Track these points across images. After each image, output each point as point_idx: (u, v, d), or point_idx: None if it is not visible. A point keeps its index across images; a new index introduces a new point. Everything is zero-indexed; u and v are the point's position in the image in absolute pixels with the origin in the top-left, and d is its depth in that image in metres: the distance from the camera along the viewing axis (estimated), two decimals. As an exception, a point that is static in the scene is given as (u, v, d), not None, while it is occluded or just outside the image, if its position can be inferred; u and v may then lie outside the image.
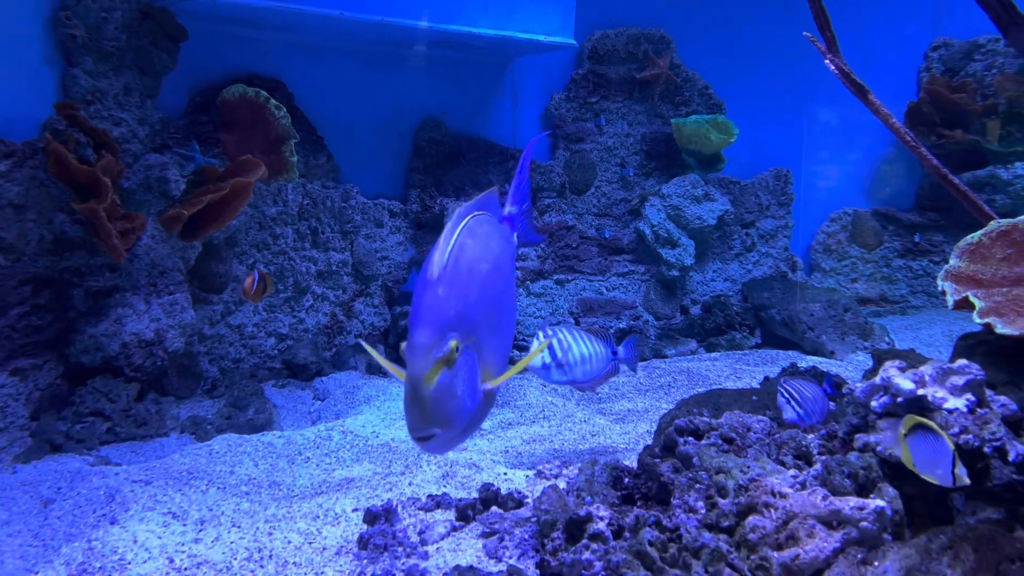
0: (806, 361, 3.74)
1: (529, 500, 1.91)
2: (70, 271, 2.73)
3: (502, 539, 1.69)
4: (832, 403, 2.13)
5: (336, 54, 3.87)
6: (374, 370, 3.69)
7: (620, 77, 4.56)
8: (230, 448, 2.59)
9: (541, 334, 2.30)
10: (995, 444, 1.47)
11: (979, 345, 2.12)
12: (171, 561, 1.75)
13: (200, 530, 1.95)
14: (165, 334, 2.88)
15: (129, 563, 1.74)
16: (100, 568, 1.72)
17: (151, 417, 2.78)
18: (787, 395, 2.01)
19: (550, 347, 2.27)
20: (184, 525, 1.97)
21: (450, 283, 1.10)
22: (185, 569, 1.73)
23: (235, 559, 1.76)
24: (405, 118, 4.13)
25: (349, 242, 3.82)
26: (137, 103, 3.08)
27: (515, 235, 1.41)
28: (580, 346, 2.32)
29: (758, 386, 2.99)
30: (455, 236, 1.15)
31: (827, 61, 2.79)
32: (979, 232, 2.19)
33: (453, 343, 1.06)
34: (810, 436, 1.79)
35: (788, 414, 2.01)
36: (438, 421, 1.07)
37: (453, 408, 1.08)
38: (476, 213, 1.25)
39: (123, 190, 2.90)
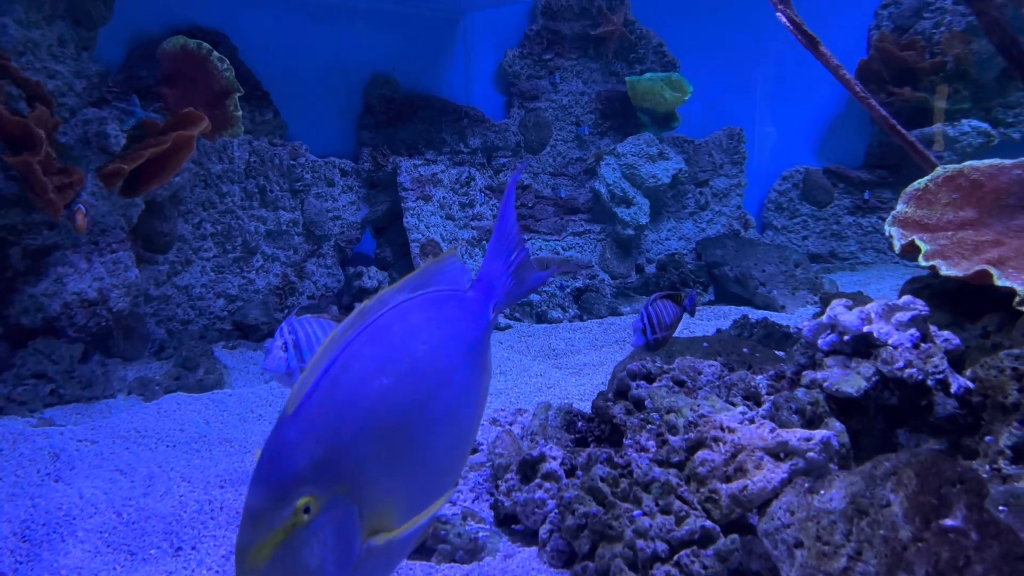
0: (757, 315, 3.79)
1: (484, 446, 1.91)
2: (6, 229, 2.63)
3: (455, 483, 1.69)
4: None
5: (282, 7, 3.75)
6: (328, 330, 3.64)
7: (574, 34, 4.52)
8: (179, 407, 2.53)
9: (286, 330, 1.82)
10: (938, 377, 1.50)
11: (925, 288, 2.17)
12: (119, 515, 1.71)
13: (149, 485, 1.91)
14: (109, 294, 2.80)
15: (75, 518, 1.69)
16: (44, 525, 1.67)
17: (96, 378, 2.70)
18: (646, 321, 2.05)
19: (291, 345, 1.80)
20: (132, 481, 1.93)
21: (313, 419, 0.82)
22: (134, 523, 1.69)
23: (185, 511, 1.73)
24: (355, 74, 4.05)
25: (299, 201, 3.75)
26: (73, 55, 2.95)
27: (493, 305, 1.08)
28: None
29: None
30: (338, 347, 0.86)
31: (779, 13, 2.80)
32: (925, 178, 2.23)
33: (301, 502, 0.79)
34: (759, 377, 1.82)
35: (638, 340, 2.05)
36: None
37: None
38: (404, 300, 0.95)
39: (60, 145, 2.79)
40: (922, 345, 1.53)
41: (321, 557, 0.80)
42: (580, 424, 1.80)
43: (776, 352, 2.55)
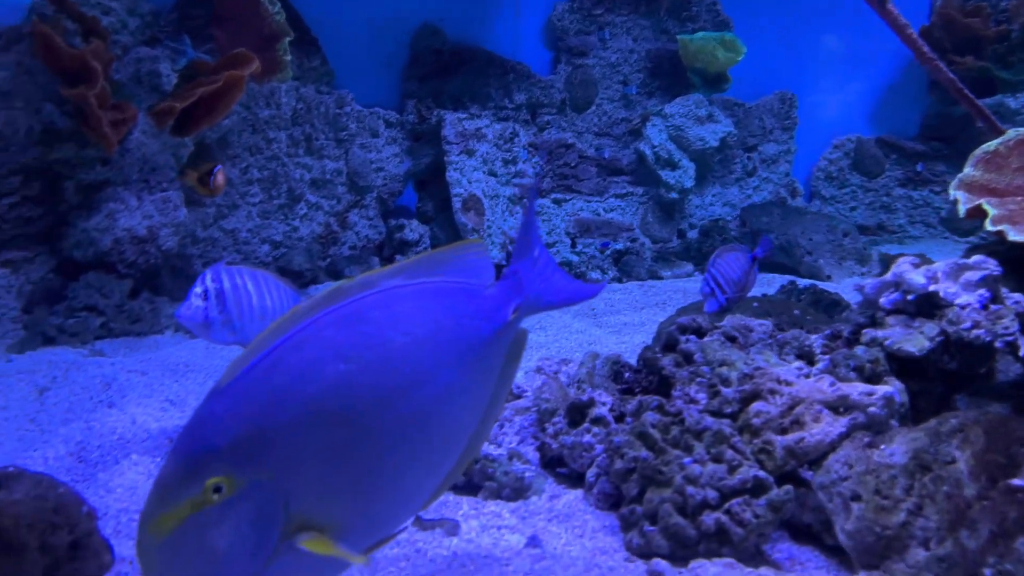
0: (803, 283, 3.73)
1: (528, 393, 1.90)
2: (60, 163, 2.66)
3: (502, 426, 1.69)
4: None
5: (334, -48, 3.71)
6: (369, 280, 3.65)
7: (626, -11, 4.42)
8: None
9: (209, 277, 1.63)
10: (1007, 339, 1.45)
11: (989, 256, 2.10)
12: (171, 440, 1.74)
13: (197, 417, 1.94)
14: (158, 232, 2.83)
15: (129, 442, 1.73)
16: (99, 447, 1.71)
17: (145, 314, 2.74)
18: (713, 283, 1.94)
19: (212, 294, 1.60)
20: (182, 411, 1.96)
21: (243, 396, 0.75)
22: (183, 451, 1.72)
23: (233, 443, 1.76)
24: (402, 24, 4.00)
25: (344, 151, 3.74)
26: (127, -8, 2.95)
27: (516, 306, 0.96)
28: (259, 298, 1.64)
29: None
30: (295, 325, 0.78)
31: (845, -32, 2.70)
32: (996, 141, 2.15)
33: (212, 481, 0.72)
34: (813, 336, 1.78)
35: (710, 306, 1.95)
36: None
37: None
38: (397, 285, 0.85)
39: (113, 82, 2.80)
40: (992, 307, 1.48)
41: (230, 541, 0.73)
42: (627, 375, 1.78)
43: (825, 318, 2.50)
